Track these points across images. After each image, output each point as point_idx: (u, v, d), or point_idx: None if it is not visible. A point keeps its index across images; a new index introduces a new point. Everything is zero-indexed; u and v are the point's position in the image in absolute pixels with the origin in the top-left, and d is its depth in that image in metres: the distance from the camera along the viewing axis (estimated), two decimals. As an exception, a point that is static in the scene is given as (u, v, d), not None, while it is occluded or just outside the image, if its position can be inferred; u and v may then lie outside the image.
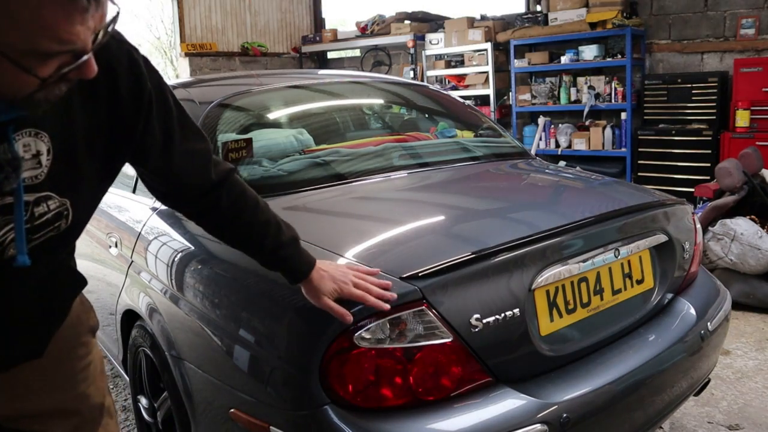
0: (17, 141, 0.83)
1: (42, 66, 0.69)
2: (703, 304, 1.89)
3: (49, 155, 0.88)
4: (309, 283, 1.25)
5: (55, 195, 0.91)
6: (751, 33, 5.25)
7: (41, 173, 0.88)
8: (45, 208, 0.91)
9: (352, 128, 2.44)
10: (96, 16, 0.69)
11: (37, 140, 0.86)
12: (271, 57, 7.99)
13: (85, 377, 1.20)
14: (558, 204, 1.95)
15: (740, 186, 3.76)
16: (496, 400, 1.35)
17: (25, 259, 0.87)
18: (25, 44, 0.66)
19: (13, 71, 0.67)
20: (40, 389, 1.12)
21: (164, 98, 1.05)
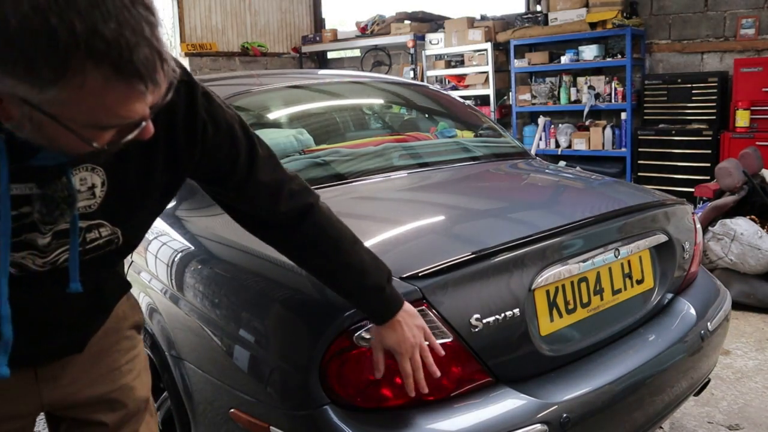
0: (74, 176, 0.89)
1: (101, 135, 0.74)
2: (703, 304, 1.89)
3: (103, 187, 0.93)
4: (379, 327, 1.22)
5: (107, 223, 0.97)
6: (751, 33, 5.25)
7: (94, 203, 0.93)
8: (96, 234, 0.96)
9: (352, 128, 2.44)
10: (155, 94, 0.73)
11: (93, 174, 0.92)
12: (271, 57, 7.99)
13: (129, 369, 1.23)
14: (558, 204, 1.95)
15: (740, 186, 3.76)
16: (496, 400, 1.35)
17: (77, 286, 0.95)
18: (88, 120, 0.71)
19: (74, 139, 0.72)
20: (85, 380, 1.16)
21: (229, 129, 1.05)
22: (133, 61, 0.67)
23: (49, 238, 0.92)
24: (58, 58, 0.64)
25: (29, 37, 0.63)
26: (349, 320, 1.25)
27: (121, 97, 0.70)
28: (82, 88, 0.67)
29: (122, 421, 1.21)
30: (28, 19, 0.62)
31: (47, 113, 0.69)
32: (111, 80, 0.67)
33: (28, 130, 0.73)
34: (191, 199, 1.82)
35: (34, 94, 0.67)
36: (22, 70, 0.65)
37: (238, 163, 1.07)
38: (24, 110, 0.70)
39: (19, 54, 0.64)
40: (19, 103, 0.69)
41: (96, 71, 0.66)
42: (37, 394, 1.11)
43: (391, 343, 1.20)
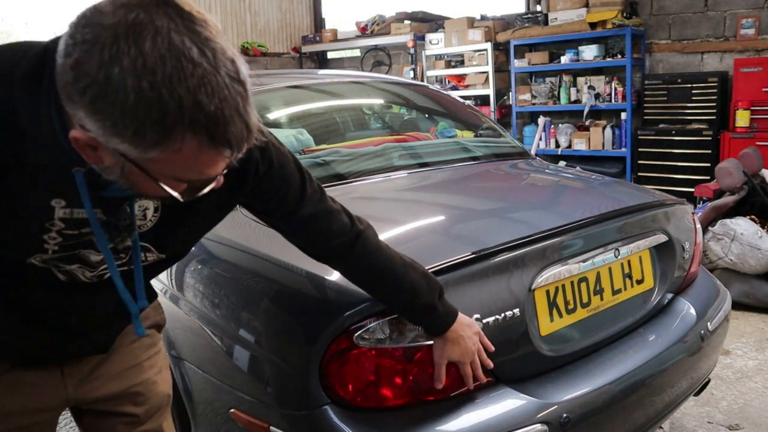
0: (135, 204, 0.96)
1: (179, 186, 0.82)
2: (703, 304, 1.89)
3: (156, 213, 1.00)
4: (440, 341, 1.27)
5: (154, 249, 1.04)
6: (751, 33, 5.24)
7: (144, 225, 1.00)
8: (143, 257, 1.03)
9: (352, 128, 2.44)
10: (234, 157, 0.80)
11: (149, 202, 0.99)
12: (271, 57, 7.98)
13: (151, 365, 1.28)
14: (558, 204, 1.95)
15: (740, 186, 3.76)
16: (496, 400, 1.36)
17: (144, 303, 1.05)
18: (173, 174, 0.79)
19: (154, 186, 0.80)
20: (109, 376, 1.21)
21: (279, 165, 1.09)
22: (227, 133, 0.74)
23: (102, 256, 0.98)
24: (165, 128, 0.71)
25: (143, 109, 0.70)
26: (349, 320, 1.25)
27: (208, 161, 0.77)
28: (178, 152, 0.74)
29: (147, 414, 1.26)
30: (145, 93, 0.69)
31: (141, 167, 0.77)
32: (204, 147, 0.74)
33: (116, 175, 0.81)
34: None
35: (134, 152, 0.74)
36: (131, 134, 0.71)
37: (287, 198, 1.12)
38: (118, 160, 0.77)
39: (131, 121, 0.70)
40: (116, 154, 0.76)
41: (193, 140, 0.73)
42: (63, 390, 1.16)
43: (456, 357, 1.28)
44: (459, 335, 1.27)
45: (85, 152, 0.78)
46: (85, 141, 0.75)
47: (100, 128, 0.72)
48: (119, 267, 1.02)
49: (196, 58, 0.71)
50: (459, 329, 1.27)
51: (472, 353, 1.29)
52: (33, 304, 1.04)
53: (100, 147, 0.76)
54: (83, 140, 0.75)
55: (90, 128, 0.73)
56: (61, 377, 1.15)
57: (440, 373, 1.28)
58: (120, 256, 1.01)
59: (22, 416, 1.13)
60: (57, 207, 0.90)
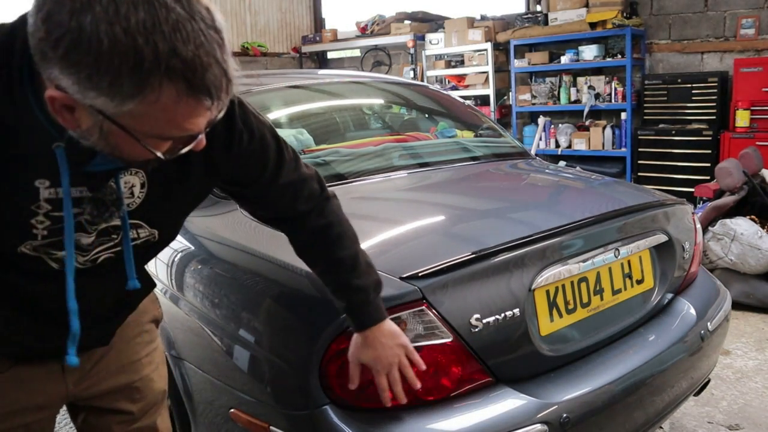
0: (121, 179, 0.96)
1: (161, 145, 0.81)
2: (703, 304, 1.89)
3: (143, 189, 0.99)
4: (358, 339, 1.22)
5: (146, 225, 1.03)
6: (751, 33, 5.24)
7: (133, 203, 0.99)
8: (135, 234, 1.03)
9: (352, 128, 2.44)
10: (215, 110, 0.79)
11: (135, 177, 0.98)
12: (271, 57, 7.99)
13: (149, 361, 1.28)
14: (558, 204, 1.95)
15: (740, 186, 3.76)
16: (496, 400, 1.35)
17: (135, 283, 1.04)
18: (153, 131, 0.77)
19: (137, 147, 0.79)
20: (108, 371, 1.21)
21: (261, 137, 1.09)
22: (204, 79, 0.74)
23: (93, 237, 0.98)
24: (141, 75, 0.70)
25: (118, 55, 0.69)
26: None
27: (188, 112, 0.76)
28: (156, 103, 0.73)
29: (142, 411, 1.26)
30: (119, 39, 0.68)
31: (119, 124, 0.75)
32: (182, 96, 0.73)
33: (95, 138, 0.79)
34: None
35: (111, 106, 0.73)
36: (107, 84, 0.70)
37: (267, 168, 1.12)
38: (97, 120, 0.76)
39: (106, 70, 0.69)
40: (93, 113, 0.75)
41: (171, 88, 0.72)
42: (63, 386, 1.16)
43: (367, 359, 1.22)
44: (377, 339, 1.20)
45: (62, 115, 0.76)
46: (61, 101, 0.74)
47: (75, 83, 0.71)
48: (111, 248, 1.01)
49: (170, 4, 0.70)
50: (380, 334, 1.20)
51: (389, 364, 1.21)
52: (29, 296, 1.03)
53: (77, 107, 0.75)
54: (59, 100, 0.74)
55: (65, 85, 0.72)
56: (62, 373, 1.15)
57: (353, 372, 1.23)
58: (111, 237, 1.00)
59: (25, 414, 1.12)
60: (41, 188, 0.89)
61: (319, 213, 1.21)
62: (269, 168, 1.12)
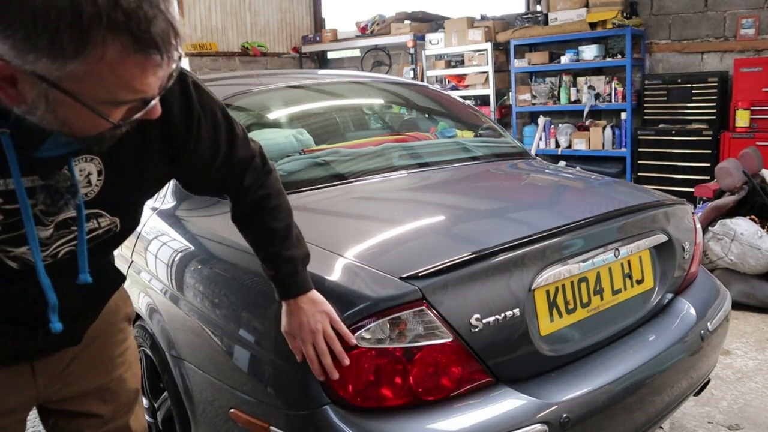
0: (75, 166, 0.92)
1: (114, 111, 0.77)
2: (703, 304, 1.89)
3: (100, 176, 0.96)
4: (286, 314, 1.25)
5: (107, 214, 1.00)
6: (751, 33, 5.24)
7: (91, 191, 0.96)
8: (95, 224, 0.99)
9: (352, 128, 2.44)
10: (166, 69, 0.76)
11: (90, 164, 0.94)
12: (271, 57, 7.99)
13: (122, 362, 1.26)
14: (558, 204, 1.95)
15: (740, 186, 3.76)
16: (496, 400, 1.35)
17: (86, 277, 0.98)
18: (103, 95, 0.73)
19: (89, 116, 0.75)
20: (80, 373, 1.19)
21: (213, 116, 1.09)
22: (150, 32, 0.70)
23: (51, 230, 0.94)
24: (81, 31, 0.66)
25: (54, 10, 0.65)
26: (349, 320, 1.25)
27: (137, 69, 0.72)
28: (101, 61, 0.69)
29: (114, 412, 1.24)
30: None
31: (65, 90, 0.71)
32: (129, 51, 0.69)
33: (42, 111, 0.74)
34: (191, 199, 1.82)
35: (53, 69, 0.68)
36: (46, 42, 0.66)
37: (221, 149, 1.12)
38: (41, 89, 0.71)
39: (44, 27, 0.65)
40: (36, 81, 0.70)
41: (115, 43, 0.68)
42: (33, 388, 1.13)
43: (292, 328, 1.23)
44: (300, 307, 1.22)
45: (4, 91, 0.73)
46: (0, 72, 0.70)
47: (12, 47, 0.67)
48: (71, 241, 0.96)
49: None
50: (302, 302, 1.22)
51: (310, 331, 1.21)
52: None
53: (18, 77, 0.71)
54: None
55: (2, 52, 0.68)
56: (32, 375, 1.12)
57: (292, 344, 1.24)
58: (71, 230, 0.96)
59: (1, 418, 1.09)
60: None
61: (261, 185, 1.21)
62: (223, 149, 1.12)
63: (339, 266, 1.38)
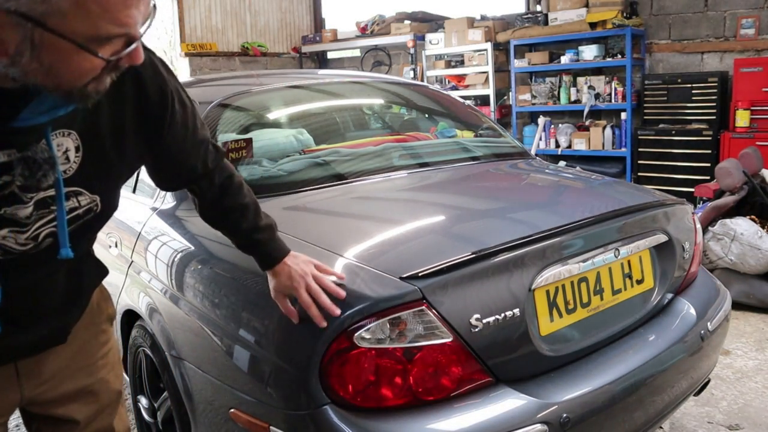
0: (53, 141, 0.91)
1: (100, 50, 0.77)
2: (703, 304, 1.89)
3: (78, 153, 0.95)
4: (275, 275, 1.29)
5: (86, 191, 0.99)
6: (751, 33, 5.24)
7: (70, 168, 0.95)
8: (75, 202, 0.98)
9: (352, 128, 2.44)
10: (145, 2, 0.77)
11: (67, 139, 0.94)
12: (271, 57, 7.99)
13: (105, 363, 1.26)
14: (558, 204, 1.95)
15: (740, 186, 3.76)
16: (496, 400, 1.35)
17: (68, 251, 0.95)
18: (89, 30, 0.74)
19: (75, 60, 0.75)
20: (64, 374, 1.18)
21: (181, 97, 1.12)
22: None
23: (31, 207, 0.92)
24: None
25: None
26: (349, 320, 1.25)
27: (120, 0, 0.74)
28: None
29: (95, 414, 1.24)
30: None
31: (51, 29, 0.71)
32: None
33: (26, 59, 0.73)
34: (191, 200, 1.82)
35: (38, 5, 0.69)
36: None
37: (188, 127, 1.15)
38: (25, 32, 0.71)
39: None
40: (20, 23, 0.70)
41: None
42: (17, 391, 1.12)
43: (284, 283, 1.27)
44: (285, 264, 1.28)
45: None
46: None
47: None
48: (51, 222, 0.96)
49: None
50: (286, 261, 1.28)
51: (301, 276, 1.26)
52: None
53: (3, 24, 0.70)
54: None
55: None
56: (16, 378, 1.11)
57: (285, 308, 1.28)
58: (51, 209, 0.95)
59: None
60: None
61: (222, 168, 1.26)
62: (190, 127, 1.15)
63: (339, 266, 1.38)
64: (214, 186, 1.25)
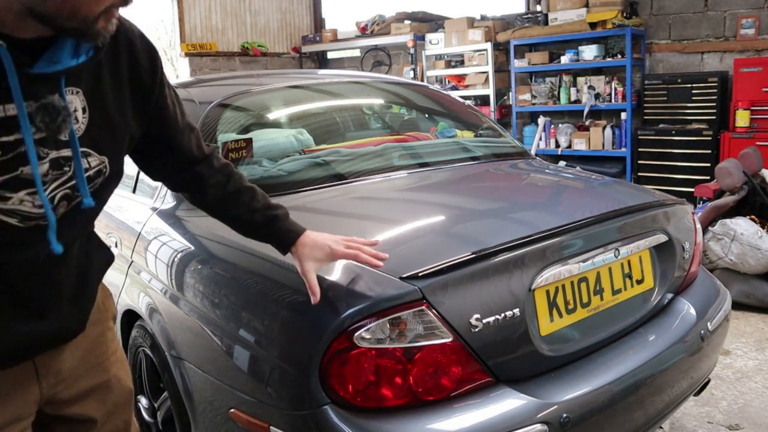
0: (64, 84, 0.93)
1: None
2: (703, 304, 1.89)
3: (85, 114, 0.98)
4: (301, 248, 1.28)
5: (95, 153, 1.01)
6: (751, 33, 5.25)
7: (79, 128, 0.98)
8: (86, 163, 1.00)
9: (352, 128, 2.44)
10: None
11: (75, 98, 0.97)
12: (271, 57, 7.99)
13: (115, 360, 1.26)
14: (558, 204, 1.95)
15: (740, 186, 3.76)
16: (496, 400, 1.35)
17: (90, 201, 0.99)
18: None
19: None
20: (79, 371, 1.18)
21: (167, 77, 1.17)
22: None
23: (47, 164, 0.93)
24: None
25: None
26: (349, 320, 1.25)
27: None
28: None
29: (111, 412, 1.24)
30: None
31: None
32: None
33: None
34: (191, 199, 1.82)
35: None
36: None
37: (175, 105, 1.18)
38: None
39: None
40: None
41: None
42: (37, 390, 1.11)
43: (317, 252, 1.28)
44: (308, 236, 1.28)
45: None
46: None
47: None
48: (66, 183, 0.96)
49: None
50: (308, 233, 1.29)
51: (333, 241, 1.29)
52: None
53: None
54: None
55: None
56: (36, 376, 1.10)
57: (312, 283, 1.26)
58: (64, 170, 0.96)
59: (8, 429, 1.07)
60: None
61: (217, 156, 1.29)
62: (176, 105, 1.18)
63: (339, 266, 1.38)
64: (214, 169, 1.27)
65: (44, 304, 1.06)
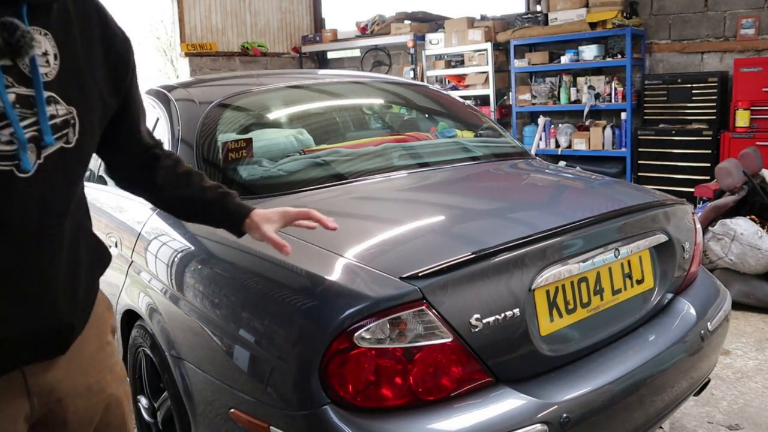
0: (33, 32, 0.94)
1: None
2: (703, 304, 1.89)
3: (56, 60, 0.99)
4: (255, 217, 1.29)
5: (62, 101, 1.01)
6: (751, 33, 5.24)
7: (50, 72, 0.98)
8: (54, 110, 0.99)
9: (352, 128, 2.44)
10: None
11: (45, 40, 0.98)
12: (271, 57, 7.99)
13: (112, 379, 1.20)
14: (558, 204, 1.95)
15: (740, 186, 3.76)
16: (496, 400, 1.35)
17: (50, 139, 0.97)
18: None
19: None
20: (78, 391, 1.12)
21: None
22: None
23: (13, 96, 0.93)
24: None
25: None
26: (349, 320, 1.25)
27: None
28: None
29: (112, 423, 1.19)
30: None
31: None
32: None
33: None
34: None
35: None
36: None
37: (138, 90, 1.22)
38: None
39: None
40: None
41: None
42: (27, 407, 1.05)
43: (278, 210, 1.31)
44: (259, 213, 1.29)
45: None
46: None
47: None
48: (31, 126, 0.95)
49: None
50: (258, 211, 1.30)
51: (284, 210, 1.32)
52: None
53: None
54: None
55: None
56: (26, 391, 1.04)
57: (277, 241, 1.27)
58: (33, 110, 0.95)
59: None
60: None
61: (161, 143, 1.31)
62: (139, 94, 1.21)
63: (339, 266, 1.38)
64: (165, 153, 1.29)
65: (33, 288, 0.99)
